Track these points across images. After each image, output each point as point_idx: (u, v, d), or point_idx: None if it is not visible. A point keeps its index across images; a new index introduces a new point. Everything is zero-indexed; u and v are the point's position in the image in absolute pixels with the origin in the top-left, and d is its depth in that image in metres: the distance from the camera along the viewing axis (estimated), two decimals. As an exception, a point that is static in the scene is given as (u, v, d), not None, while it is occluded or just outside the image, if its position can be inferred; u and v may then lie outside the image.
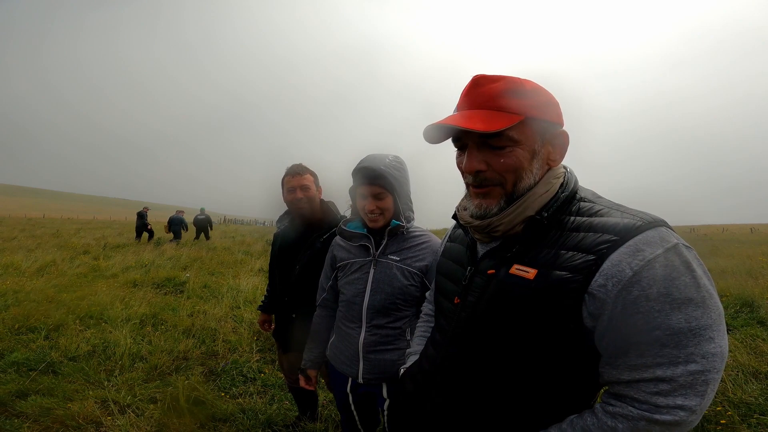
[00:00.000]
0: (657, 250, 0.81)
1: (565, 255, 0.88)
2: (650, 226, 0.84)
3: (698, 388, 0.78)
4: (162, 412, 3.09)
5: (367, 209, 1.75)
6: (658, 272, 0.80)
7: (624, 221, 0.86)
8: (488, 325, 0.97)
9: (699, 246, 15.95)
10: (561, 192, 0.97)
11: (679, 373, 0.78)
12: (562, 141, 0.98)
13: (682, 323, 0.78)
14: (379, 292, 1.76)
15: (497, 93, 0.92)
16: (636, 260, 0.81)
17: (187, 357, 4.29)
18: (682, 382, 0.78)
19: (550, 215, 0.94)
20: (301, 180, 2.49)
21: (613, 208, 0.93)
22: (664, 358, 0.79)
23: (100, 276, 8.61)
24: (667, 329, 0.79)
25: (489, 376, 0.97)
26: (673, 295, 0.79)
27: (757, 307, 5.85)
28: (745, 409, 3.04)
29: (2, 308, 5.63)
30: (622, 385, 0.84)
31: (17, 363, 3.83)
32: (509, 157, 0.93)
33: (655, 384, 0.80)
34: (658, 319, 0.79)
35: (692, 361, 0.78)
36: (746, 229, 57.17)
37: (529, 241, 0.95)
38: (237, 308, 6.13)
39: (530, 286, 0.90)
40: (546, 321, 0.88)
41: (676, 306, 0.79)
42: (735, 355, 4.02)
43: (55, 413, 3.03)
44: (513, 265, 0.94)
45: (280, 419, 3.11)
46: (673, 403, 0.79)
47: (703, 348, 0.78)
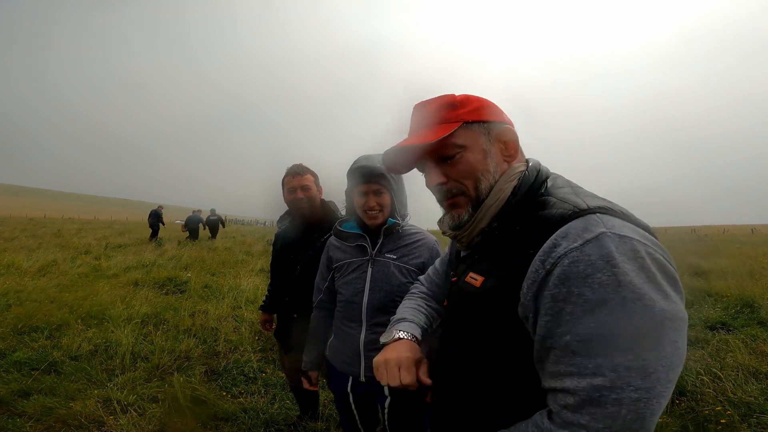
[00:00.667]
0: (573, 244, 0.74)
1: (506, 257, 0.88)
2: (579, 215, 0.78)
3: (608, 408, 0.68)
4: (164, 412, 3.10)
5: (368, 206, 1.77)
6: (570, 269, 0.72)
7: (556, 213, 0.82)
8: (455, 326, 1.01)
9: (700, 247, 15.98)
10: (512, 198, 0.93)
11: (583, 386, 0.70)
12: (511, 136, 0.99)
13: (593, 329, 0.70)
14: (378, 291, 1.78)
15: (432, 111, 0.98)
16: (550, 258, 0.75)
17: (189, 357, 4.30)
18: (584, 397, 0.69)
19: (499, 224, 0.94)
20: (301, 180, 2.50)
21: (564, 197, 0.87)
22: (574, 368, 0.71)
23: (102, 276, 8.63)
24: (576, 335, 0.71)
25: (465, 373, 0.97)
26: (584, 296, 0.70)
27: (757, 308, 5.86)
28: (745, 409, 3.04)
29: (4, 308, 5.65)
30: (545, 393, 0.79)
31: (19, 362, 3.85)
32: (461, 164, 0.95)
33: (564, 396, 0.73)
34: (569, 323, 0.72)
35: (600, 374, 0.69)
36: (747, 229, 57.10)
37: (485, 249, 0.97)
38: (238, 308, 6.13)
39: (476, 292, 0.92)
40: (494, 324, 0.88)
41: (588, 309, 0.70)
42: (735, 355, 4.03)
43: (58, 412, 3.04)
44: (469, 273, 0.97)
45: (281, 418, 3.12)
46: (577, 421, 0.70)
47: (615, 360, 0.68)
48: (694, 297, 6.85)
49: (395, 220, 1.81)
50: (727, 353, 4.18)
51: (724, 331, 5.13)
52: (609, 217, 0.76)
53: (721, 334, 4.94)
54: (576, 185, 0.95)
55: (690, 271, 9.48)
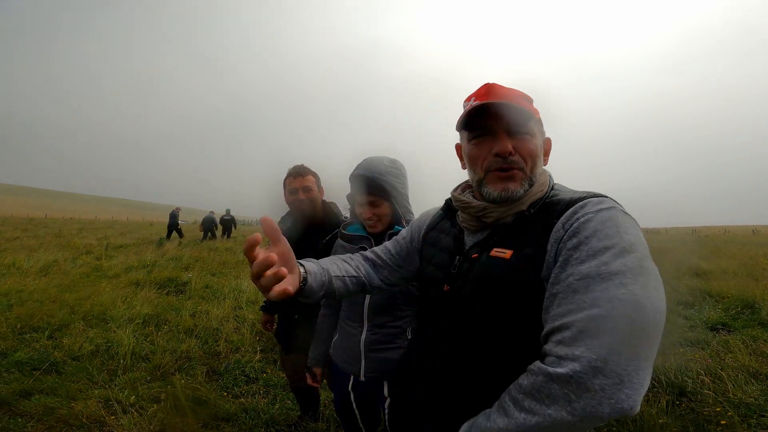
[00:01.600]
0: (590, 210, 0.86)
1: (532, 234, 0.95)
2: (594, 196, 0.91)
3: (602, 337, 0.71)
4: (165, 412, 3.11)
5: (364, 217, 1.78)
6: (584, 226, 0.84)
7: (574, 196, 0.95)
8: (475, 304, 1.02)
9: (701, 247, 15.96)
10: (548, 192, 1.05)
11: (580, 317, 0.75)
12: (549, 147, 1.13)
13: (593, 268, 0.77)
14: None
15: (515, 95, 1.05)
16: (570, 221, 0.87)
17: (190, 357, 4.31)
18: (581, 327, 0.74)
19: (536, 210, 1.01)
20: (302, 181, 2.50)
21: (573, 191, 1.02)
22: (573, 305, 0.77)
23: (103, 276, 8.63)
24: (578, 275, 0.79)
25: (482, 352, 1.01)
26: (591, 244, 0.80)
27: (758, 309, 5.86)
28: (745, 410, 3.04)
29: (5, 308, 5.66)
30: (545, 338, 0.83)
31: (21, 362, 3.86)
32: (531, 144, 1.03)
33: (559, 332, 0.77)
34: (574, 266, 0.80)
35: (596, 306, 0.74)
36: (748, 230, 57.02)
37: (513, 230, 1.02)
38: (239, 308, 6.14)
39: (507, 264, 0.96)
40: (523, 293, 0.93)
41: (592, 253, 0.79)
42: (736, 356, 4.03)
43: (59, 412, 3.05)
44: (493, 249, 1.02)
45: (282, 419, 3.13)
46: (571, 353, 0.73)
47: (611, 292, 0.74)
48: (695, 297, 6.85)
49: (400, 228, 1.80)
50: (727, 354, 4.18)
51: (724, 331, 5.13)
52: (607, 200, 0.90)
53: (722, 335, 4.95)
54: None
55: (691, 272, 9.48)
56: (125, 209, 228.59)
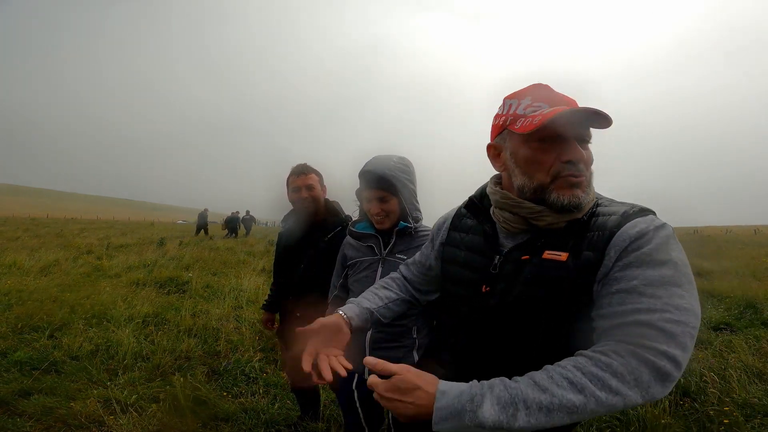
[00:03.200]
0: (650, 226, 0.94)
1: (589, 239, 1.00)
2: (644, 212, 0.99)
3: (678, 338, 0.84)
4: (164, 412, 3.09)
5: (373, 212, 1.79)
6: (645, 239, 0.92)
7: (625, 209, 1.01)
8: (523, 307, 1.05)
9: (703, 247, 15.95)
10: (598, 198, 1.10)
11: (657, 318, 0.85)
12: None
13: (658, 278, 0.88)
14: None
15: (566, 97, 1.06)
16: (633, 231, 0.94)
17: (190, 356, 4.29)
18: (660, 327, 0.84)
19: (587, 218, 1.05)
20: (305, 179, 2.50)
21: (615, 201, 1.08)
22: (642, 305, 0.87)
23: (103, 276, 8.63)
24: (643, 280, 0.89)
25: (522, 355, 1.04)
26: (653, 256, 0.90)
27: (760, 309, 5.85)
28: (749, 410, 3.02)
29: (6, 307, 5.65)
30: (609, 331, 0.91)
31: (20, 362, 3.84)
32: (590, 153, 1.06)
33: (638, 327, 0.86)
34: (638, 272, 0.90)
35: (668, 311, 0.85)
36: (750, 230, 57.00)
37: (564, 233, 1.04)
38: (239, 308, 6.13)
39: (564, 266, 1.00)
40: (578, 296, 0.99)
41: (654, 265, 0.90)
42: (739, 356, 4.01)
43: (58, 412, 3.03)
44: (544, 251, 1.04)
45: (282, 419, 3.11)
46: (659, 347, 0.83)
47: (676, 301, 0.86)
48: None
49: (407, 224, 1.81)
50: (730, 354, 4.16)
51: (727, 331, 5.11)
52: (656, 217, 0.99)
53: (725, 335, 4.93)
54: None
55: (693, 272, 9.44)
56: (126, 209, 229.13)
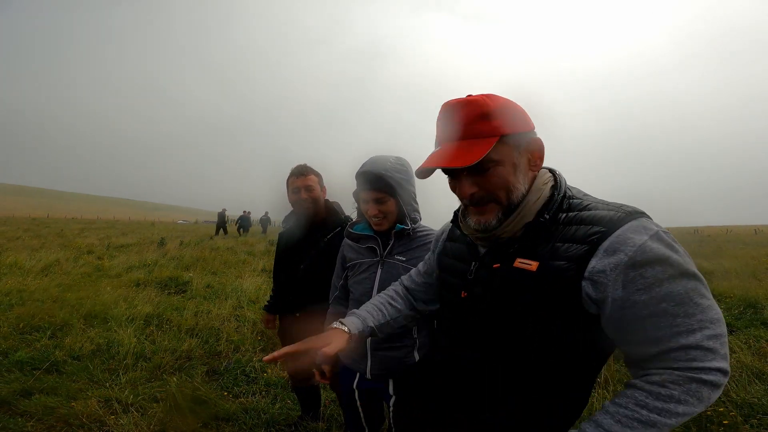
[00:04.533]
0: (644, 236, 0.90)
1: (561, 247, 0.97)
2: (632, 217, 0.94)
3: (720, 351, 0.87)
4: (165, 412, 3.10)
5: (370, 214, 1.78)
6: (649, 254, 0.88)
7: (610, 213, 0.95)
8: (495, 314, 1.05)
9: (703, 247, 15.93)
10: (557, 194, 1.05)
11: (700, 338, 0.86)
12: (538, 146, 1.05)
13: (683, 294, 0.87)
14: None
15: (469, 120, 0.99)
16: (628, 246, 0.89)
17: (191, 356, 4.31)
18: (706, 346, 0.86)
19: (550, 216, 1.02)
20: (305, 180, 2.51)
21: (597, 202, 1.02)
22: (680, 327, 0.87)
23: (104, 275, 8.64)
24: (671, 301, 0.87)
25: (499, 359, 1.05)
26: (668, 272, 0.87)
27: (760, 309, 5.84)
28: (747, 410, 3.02)
29: (7, 307, 5.66)
30: (652, 359, 0.91)
31: (21, 362, 3.85)
32: (494, 176, 1.01)
33: (686, 351, 0.87)
34: (662, 293, 0.87)
35: (705, 327, 0.86)
36: (750, 230, 56.92)
37: (529, 238, 1.02)
38: (240, 308, 6.14)
39: (533, 276, 0.98)
40: (548, 307, 0.97)
41: (673, 280, 0.87)
42: (738, 356, 4.01)
43: (59, 412, 3.04)
44: (516, 259, 1.02)
45: (282, 419, 3.12)
46: (710, 365, 0.86)
47: (708, 314, 0.87)
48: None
49: (404, 226, 1.80)
50: (730, 354, 4.16)
51: (727, 331, 5.11)
52: (648, 219, 0.95)
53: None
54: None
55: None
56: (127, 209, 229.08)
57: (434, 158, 1.04)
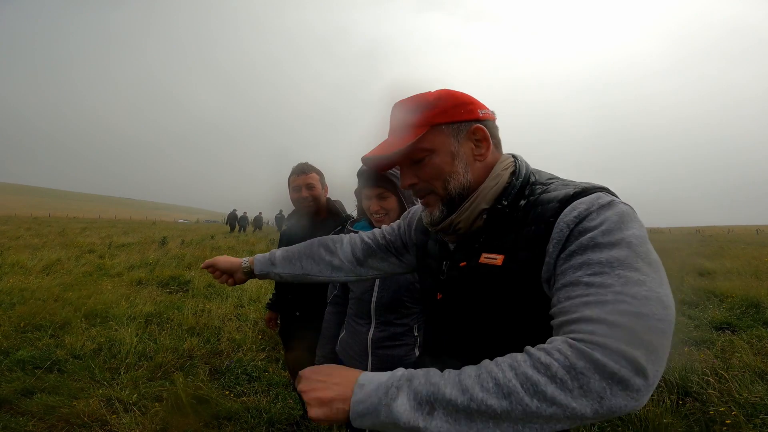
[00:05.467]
0: (591, 207, 0.83)
1: (525, 235, 0.90)
2: (588, 192, 0.87)
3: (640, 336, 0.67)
4: (167, 411, 3.10)
5: (372, 210, 1.78)
6: (589, 224, 0.81)
7: (566, 191, 0.89)
8: (468, 314, 1.01)
9: (705, 247, 15.93)
10: (516, 179, 0.99)
11: (609, 312, 0.69)
12: (482, 134, 1.00)
13: (605, 262, 0.75)
14: (386, 290, 1.79)
15: (405, 114, 1.00)
16: (571, 216, 0.83)
17: (192, 355, 4.31)
18: (613, 322, 0.68)
19: (509, 202, 0.97)
20: (306, 179, 2.51)
21: (560, 183, 0.96)
22: (590, 297, 0.73)
23: (106, 275, 8.66)
24: (589, 269, 0.76)
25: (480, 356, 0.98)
26: (599, 240, 0.78)
27: (762, 309, 5.84)
28: (750, 410, 3.01)
29: (8, 306, 5.67)
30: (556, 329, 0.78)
31: (23, 361, 3.85)
32: (429, 166, 0.99)
33: (587, 323, 0.70)
34: (582, 260, 0.78)
35: (622, 302, 0.70)
36: (752, 230, 56.86)
37: (493, 229, 0.98)
38: (241, 307, 6.15)
39: (498, 271, 0.92)
40: (519, 299, 0.91)
41: (602, 248, 0.77)
42: (741, 355, 4.01)
43: (60, 411, 3.05)
44: (482, 254, 0.97)
45: (284, 418, 3.12)
46: (613, 347, 0.66)
47: (632, 289, 0.71)
48: (699, 297, 6.83)
49: None
50: (732, 354, 4.16)
51: (729, 331, 5.11)
52: (607, 194, 0.88)
53: (727, 335, 4.92)
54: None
55: (695, 272, 9.45)
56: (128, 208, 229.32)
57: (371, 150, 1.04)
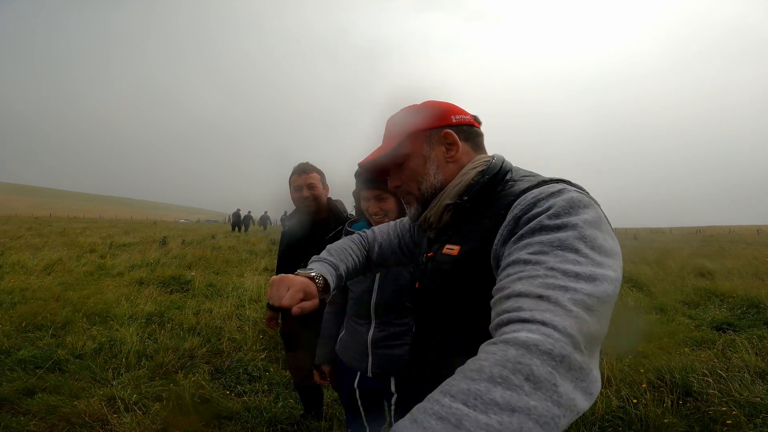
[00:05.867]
0: (542, 193, 0.86)
1: (481, 227, 0.97)
2: (543, 184, 0.90)
3: (566, 306, 0.65)
4: (168, 410, 3.11)
5: (371, 211, 1.79)
6: (537, 209, 0.82)
7: (525, 185, 0.93)
8: (435, 299, 1.09)
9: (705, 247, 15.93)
10: (482, 177, 1.04)
11: (537, 284, 0.69)
12: (452, 139, 1.09)
13: (545, 242, 0.76)
14: (386, 290, 1.80)
15: (390, 125, 1.16)
16: (518, 207, 0.87)
17: (193, 355, 4.31)
18: (538, 294, 0.67)
19: (471, 198, 1.03)
20: (307, 178, 2.51)
21: (526, 175, 1.01)
22: (524, 273, 0.73)
23: (107, 274, 8.66)
24: (530, 248, 0.77)
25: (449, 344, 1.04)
26: (544, 222, 0.79)
27: (763, 309, 5.84)
28: (750, 410, 3.01)
29: (9, 306, 5.67)
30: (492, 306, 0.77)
31: (24, 361, 3.85)
32: (407, 169, 1.12)
33: (516, 300, 0.69)
34: (524, 242, 0.79)
35: (551, 276, 0.70)
36: (752, 230, 56.81)
37: (457, 223, 1.06)
38: (242, 307, 6.15)
39: (454, 260, 1.00)
40: (472, 286, 0.95)
41: (546, 231, 0.78)
42: (742, 355, 4.00)
43: (62, 411, 3.05)
44: (445, 246, 1.06)
45: (284, 417, 3.12)
46: (537, 317, 0.63)
47: (565, 266, 0.71)
48: (700, 297, 6.83)
49: None
50: (733, 354, 4.16)
51: (730, 331, 5.11)
52: (565, 184, 0.89)
53: (728, 335, 4.92)
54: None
55: (695, 272, 9.45)
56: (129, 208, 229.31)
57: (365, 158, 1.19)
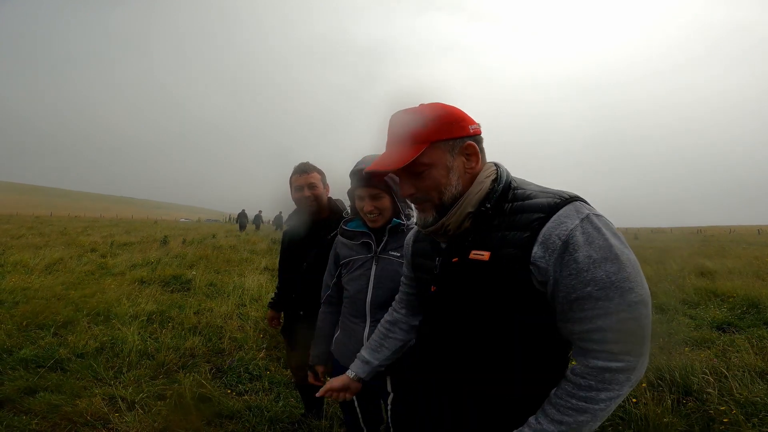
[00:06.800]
0: (576, 221, 0.99)
1: (509, 235, 1.05)
2: (567, 202, 1.03)
3: (637, 333, 0.95)
4: (169, 409, 3.12)
5: (366, 210, 1.78)
6: (579, 239, 0.97)
7: (547, 200, 1.04)
8: (460, 304, 1.14)
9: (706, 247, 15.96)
10: (498, 185, 1.13)
11: (614, 321, 0.94)
12: (472, 150, 1.13)
13: (605, 278, 0.94)
14: (381, 288, 1.80)
15: (405, 128, 1.12)
16: (561, 230, 0.98)
17: (194, 354, 4.32)
18: (618, 328, 0.94)
19: (492, 205, 1.10)
20: (308, 178, 2.51)
21: (539, 191, 1.10)
22: (600, 310, 0.95)
23: (108, 273, 8.67)
24: (595, 285, 0.95)
25: (472, 344, 1.13)
26: (593, 257, 0.96)
27: (763, 309, 5.84)
28: (750, 409, 3.02)
29: (11, 305, 5.68)
30: (576, 337, 1.01)
31: (25, 360, 3.86)
32: (427, 179, 1.12)
33: (601, 333, 0.95)
34: (587, 277, 0.95)
35: (622, 311, 0.94)
36: (753, 230, 56.75)
37: (480, 230, 1.11)
38: (243, 306, 6.17)
39: (487, 265, 1.06)
40: (506, 293, 1.05)
41: (597, 264, 0.95)
42: (742, 355, 4.01)
43: (63, 410, 3.06)
44: (471, 251, 1.10)
45: (285, 416, 3.13)
46: (619, 348, 0.94)
47: (627, 298, 0.94)
48: (700, 297, 6.82)
49: (399, 221, 1.81)
50: (733, 353, 4.16)
51: (730, 331, 5.11)
52: (582, 203, 1.04)
53: (728, 335, 4.93)
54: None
55: (696, 271, 9.44)
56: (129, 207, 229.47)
57: (376, 161, 1.18)
